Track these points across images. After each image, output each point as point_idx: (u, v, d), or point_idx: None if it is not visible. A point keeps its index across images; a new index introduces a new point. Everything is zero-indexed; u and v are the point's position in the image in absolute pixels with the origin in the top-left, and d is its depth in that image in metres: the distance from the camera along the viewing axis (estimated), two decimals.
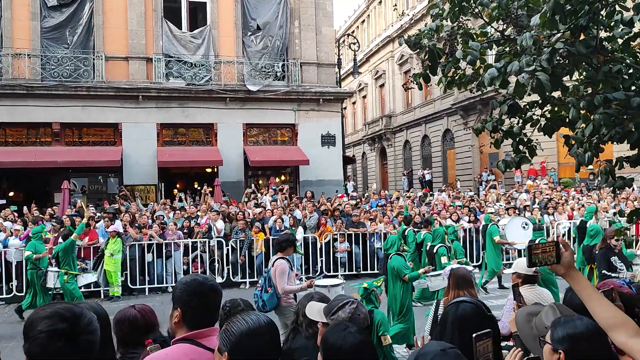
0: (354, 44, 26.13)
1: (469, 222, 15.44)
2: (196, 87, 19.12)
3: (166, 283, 13.07)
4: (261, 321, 2.19)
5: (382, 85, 40.41)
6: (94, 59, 18.43)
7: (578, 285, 2.26)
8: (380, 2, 39.80)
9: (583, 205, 16.93)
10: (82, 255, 12.67)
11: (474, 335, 2.09)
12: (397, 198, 20.10)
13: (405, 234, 11.71)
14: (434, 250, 9.85)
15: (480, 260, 15.19)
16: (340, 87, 23.83)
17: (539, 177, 22.55)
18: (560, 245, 2.28)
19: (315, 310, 3.02)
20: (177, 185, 21.94)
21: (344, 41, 27.42)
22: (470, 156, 28.76)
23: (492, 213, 14.68)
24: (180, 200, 16.95)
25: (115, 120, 18.63)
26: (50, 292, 10.46)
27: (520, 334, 2.81)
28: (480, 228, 14.26)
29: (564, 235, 15.90)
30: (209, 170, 20.63)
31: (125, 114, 18.64)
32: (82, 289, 11.03)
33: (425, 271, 7.75)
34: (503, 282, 12.21)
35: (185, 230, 13.82)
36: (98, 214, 14.38)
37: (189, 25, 19.89)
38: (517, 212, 16.05)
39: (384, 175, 40.63)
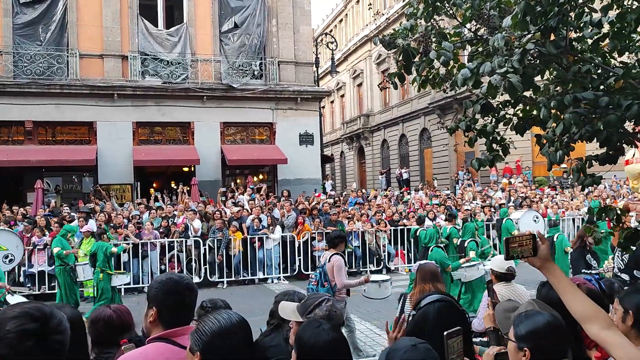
0: (332, 43, 26.17)
1: (445, 220, 15.57)
2: (173, 85, 18.95)
3: (142, 283, 12.92)
4: (233, 320, 2.18)
5: (360, 85, 40.57)
6: (67, 56, 18.13)
7: (554, 277, 2.31)
8: (357, 2, 39.94)
9: (557, 203, 17.27)
10: None
11: (445, 332, 2.12)
12: (375, 197, 20.20)
13: (417, 234, 12.06)
14: (464, 245, 10.21)
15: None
16: (318, 86, 23.84)
17: (514, 175, 22.89)
18: (537, 239, 2.32)
19: (289, 310, 3.01)
20: (154, 185, 21.72)
21: (321, 40, 27.42)
22: (447, 155, 29.05)
23: (509, 207, 15.08)
24: (157, 199, 16.79)
25: (89, 119, 18.36)
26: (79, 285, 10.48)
27: (502, 330, 2.87)
28: (496, 222, 14.54)
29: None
30: (186, 169, 20.47)
31: (100, 112, 18.38)
32: None
33: (466, 260, 8.17)
34: None
35: (161, 230, 13.69)
36: (72, 214, 14.14)
37: (165, 23, 19.70)
38: (492, 210, 16.35)
39: (362, 174, 40.81)
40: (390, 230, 15.09)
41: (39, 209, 14.75)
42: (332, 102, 46.03)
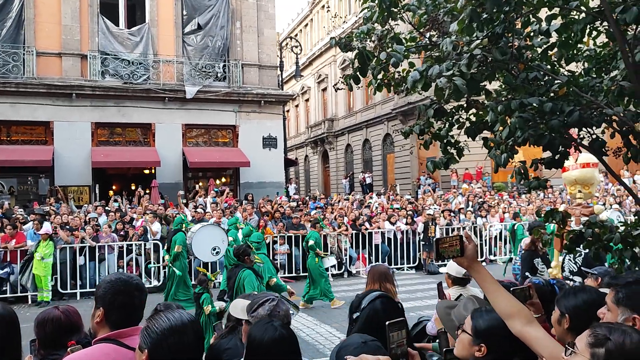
0: (296, 47, 26.22)
1: (406, 224, 15.81)
2: (133, 86, 18.64)
3: None
4: (184, 319, 2.14)
5: (324, 89, 40.73)
6: (24, 54, 17.64)
7: (480, 277, 2.38)
8: (323, 7, 40.14)
9: (514, 208, 17.71)
10: (9, 259, 12.10)
11: (387, 323, 2.16)
12: (339, 201, 20.30)
13: (515, 228, 13.11)
14: None
15: (417, 262, 15.61)
16: (282, 89, 23.84)
17: (474, 181, 23.36)
18: (464, 239, 2.39)
19: (239, 308, 3.03)
20: (114, 187, 21.30)
21: (286, 44, 27.44)
22: (409, 160, 29.40)
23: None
24: (115, 201, 16.47)
25: (46, 119, 17.90)
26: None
27: (445, 326, 2.93)
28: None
29: (495, 237, 16.59)
30: (146, 171, 20.15)
31: (57, 112, 17.94)
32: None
33: None
34: None
35: (122, 233, 13.42)
36: (26, 216, 13.74)
37: (126, 23, 19.38)
38: (452, 214, 16.64)
39: (326, 178, 40.93)
40: (352, 234, 15.18)
41: None
42: (296, 106, 46.07)
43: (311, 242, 11.38)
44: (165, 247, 11.46)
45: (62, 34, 18.11)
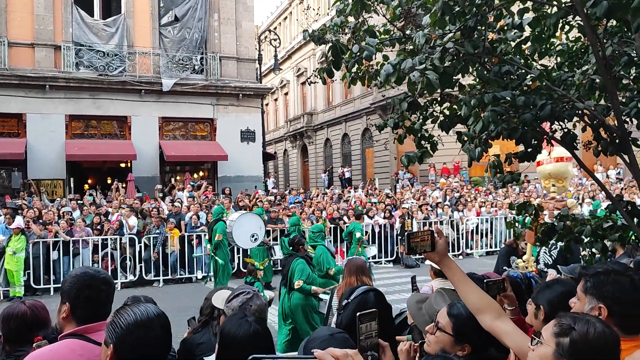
0: (275, 40, 26.07)
1: (384, 218, 15.87)
2: (109, 78, 18.33)
3: None
4: (150, 313, 2.11)
5: (304, 83, 40.56)
6: None
7: (450, 271, 2.39)
8: (301, 0, 39.97)
9: (492, 204, 17.91)
10: None
11: (357, 314, 2.15)
12: (317, 195, 20.32)
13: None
14: None
15: (395, 255, 15.69)
16: (261, 82, 23.70)
17: (451, 175, 23.56)
18: (435, 234, 2.39)
19: (220, 298, 3.02)
20: (89, 180, 20.99)
21: (265, 37, 27.26)
22: (388, 155, 29.49)
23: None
24: (91, 195, 16.22)
25: (19, 111, 17.52)
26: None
27: (415, 321, 2.94)
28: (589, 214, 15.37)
29: (472, 230, 16.76)
30: (122, 165, 19.88)
31: (30, 104, 17.57)
32: None
33: None
34: None
35: (98, 227, 13.22)
36: None
37: (101, 13, 19.05)
38: (429, 208, 16.76)
39: (305, 172, 40.88)
40: (330, 228, 15.18)
41: None
42: (275, 99, 45.87)
43: (359, 235, 11.73)
44: (207, 237, 11.76)
45: (35, 23, 17.71)
